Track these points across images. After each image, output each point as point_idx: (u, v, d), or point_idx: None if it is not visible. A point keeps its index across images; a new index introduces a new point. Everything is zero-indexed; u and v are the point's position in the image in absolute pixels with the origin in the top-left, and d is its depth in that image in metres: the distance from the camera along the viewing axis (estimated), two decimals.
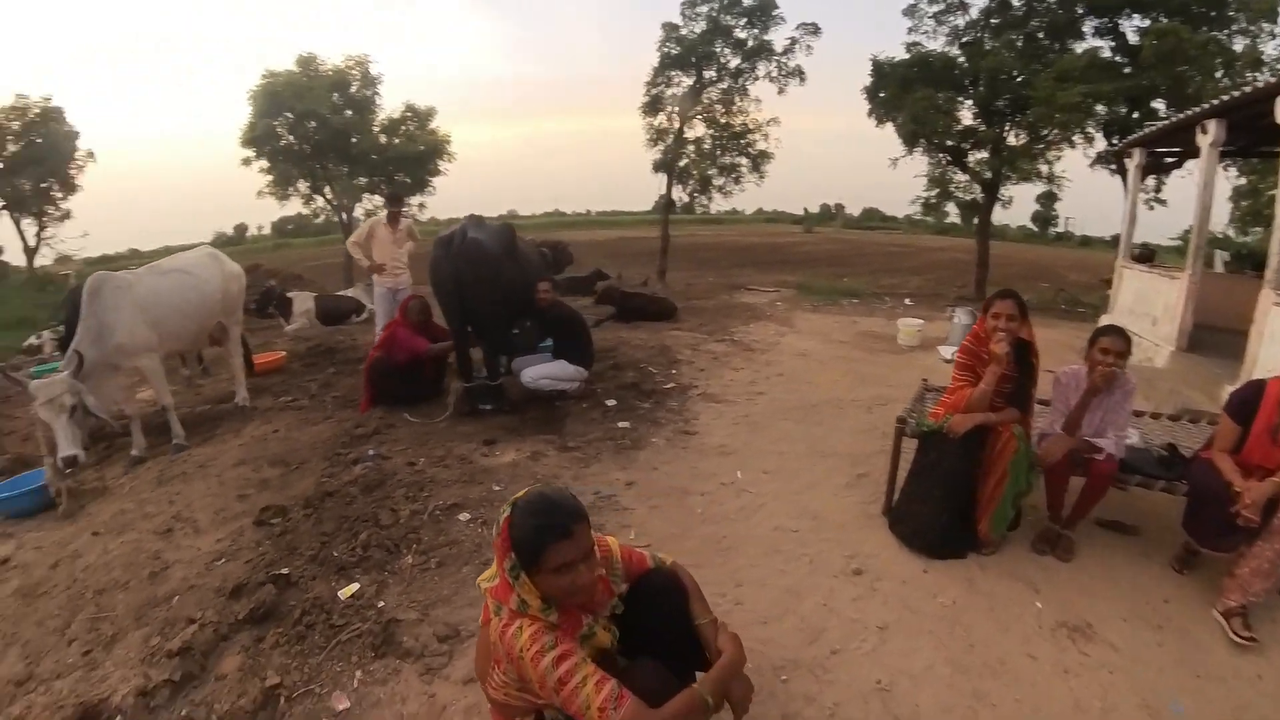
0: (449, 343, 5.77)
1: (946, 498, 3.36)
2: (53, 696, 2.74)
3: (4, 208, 18.18)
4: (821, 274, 15.67)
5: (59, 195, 18.86)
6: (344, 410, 5.88)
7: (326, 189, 13.26)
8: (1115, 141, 10.68)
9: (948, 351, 7.40)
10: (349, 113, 12.70)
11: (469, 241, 5.22)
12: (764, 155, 12.36)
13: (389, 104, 13.49)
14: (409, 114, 13.37)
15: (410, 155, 12.98)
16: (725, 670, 1.76)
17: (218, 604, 3.21)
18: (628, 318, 9.17)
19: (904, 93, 11.22)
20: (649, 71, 12.34)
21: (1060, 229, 47.70)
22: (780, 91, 12.40)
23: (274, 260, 18.75)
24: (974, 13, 11.46)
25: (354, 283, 12.34)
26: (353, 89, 12.87)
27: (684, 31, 12.15)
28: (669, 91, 12.52)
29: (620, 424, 5.20)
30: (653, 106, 12.48)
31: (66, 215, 19.19)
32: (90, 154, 19.05)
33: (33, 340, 11.19)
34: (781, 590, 3.13)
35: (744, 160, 12.31)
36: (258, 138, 12.50)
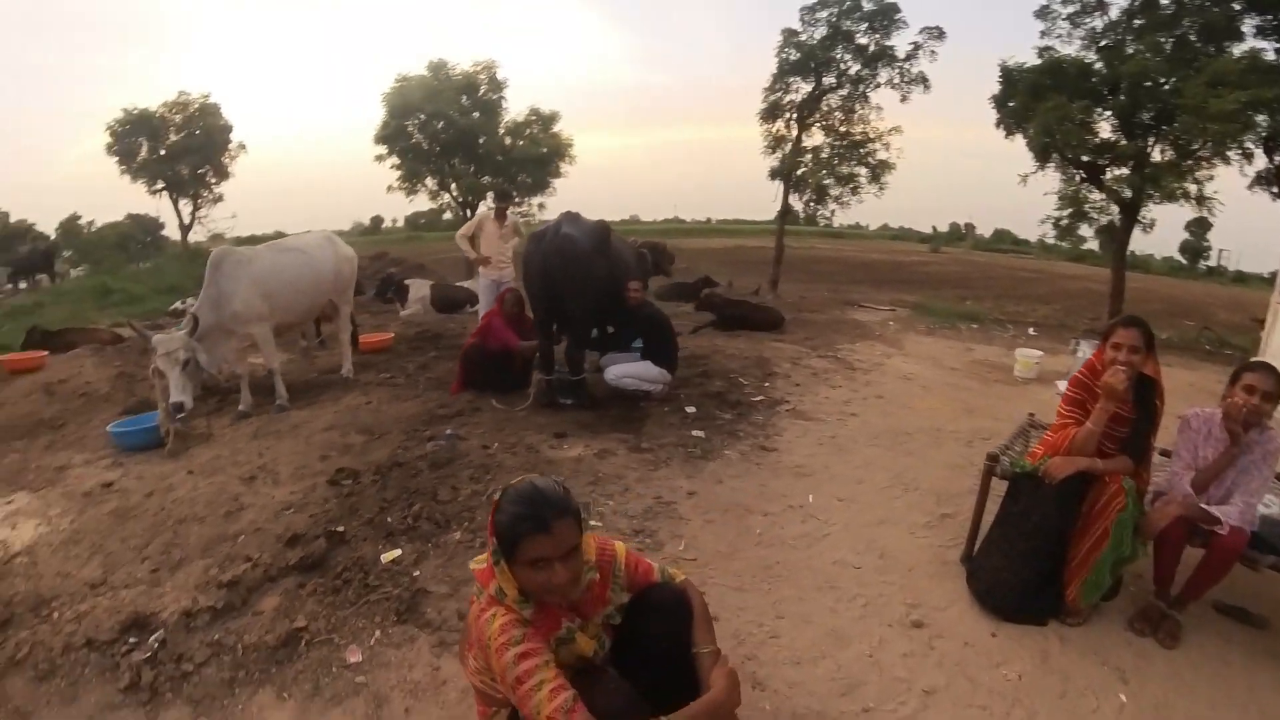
0: (535, 342, 5.88)
1: (1032, 553, 2.92)
2: (115, 602, 3.04)
3: (164, 189, 20.81)
4: (943, 296, 14.69)
5: (213, 181, 21.56)
6: (435, 391, 6.12)
7: (452, 186, 14.01)
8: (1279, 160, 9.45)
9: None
10: (476, 115, 13.43)
11: (560, 236, 5.30)
12: (884, 165, 11.80)
13: (515, 108, 14.19)
14: (534, 118, 13.94)
15: (533, 157, 13.52)
16: (703, 711, 1.60)
17: (274, 549, 3.41)
18: (729, 326, 8.90)
19: (1034, 101, 10.37)
20: (768, 78, 12.23)
21: (1212, 262, 41.91)
22: (903, 99, 11.85)
23: (403, 251, 20.02)
24: (1114, 13, 10.43)
25: (474, 275, 12.88)
26: (480, 92, 13.59)
27: (803, 37, 11.89)
28: (787, 98, 12.26)
29: (695, 432, 5.05)
30: (771, 113, 12.29)
31: (219, 199, 22.01)
32: (242, 145, 21.72)
33: (178, 305, 12.49)
34: (825, 631, 2.84)
35: (863, 170, 11.85)
36: (389, 136, 13.44)
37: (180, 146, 20.26)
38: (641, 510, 3.76)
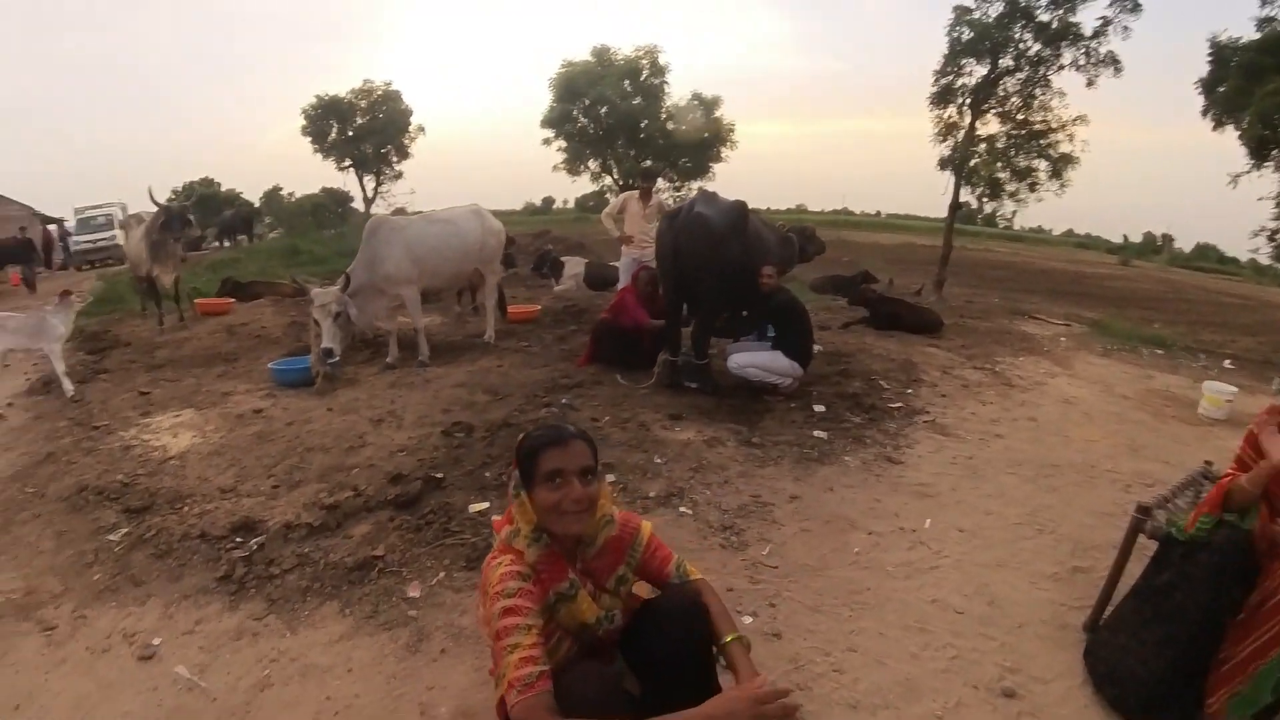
0: (663, 322, 5.88)
1: (1170, 641, 2.30)
2: (235, 506, 3.49)
3: (351, 166, 23.44)
4: (1127, 315, 12.70)
5: (394, 159, 24.03)
6: (565, 362, 6.34)
7: (614, 169, 14.41)
8: None
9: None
10: (638, 100, 13.68)
11: (693, 216, 5.23)
12: (1066, 159, 10.46)
13: (676, 93, 14.30)
14: (695, 102, 14.00)
15: (693, 141, 13.58)
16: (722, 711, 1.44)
17: (379, 484, 3.69)
18: (881, 325, 8.34)
19: (1251, 85, 8.73)
20: (938, 59, 11.28)
21: None
22: (1090, 83, 10.34)
23: (569, 230, 20.96)
24: None
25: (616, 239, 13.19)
26: (642, 77, 13.83)
27: (977, 14, 10.75)
28: (959, 81, 11.20)
29: (817, 433, 4.76)
30: (941, 98, 11.28)
31: (399, 175, 24.56)
32: (421, 127, 24.33)
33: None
34: (897, 678, 2.47)
35: (1042, 164, 10.61)
36: (555, 119, 14.07)
37: (365, 128, 23.11)
38: (736, 506, 3.63)
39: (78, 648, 2.58)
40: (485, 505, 3.44)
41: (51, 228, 20.83)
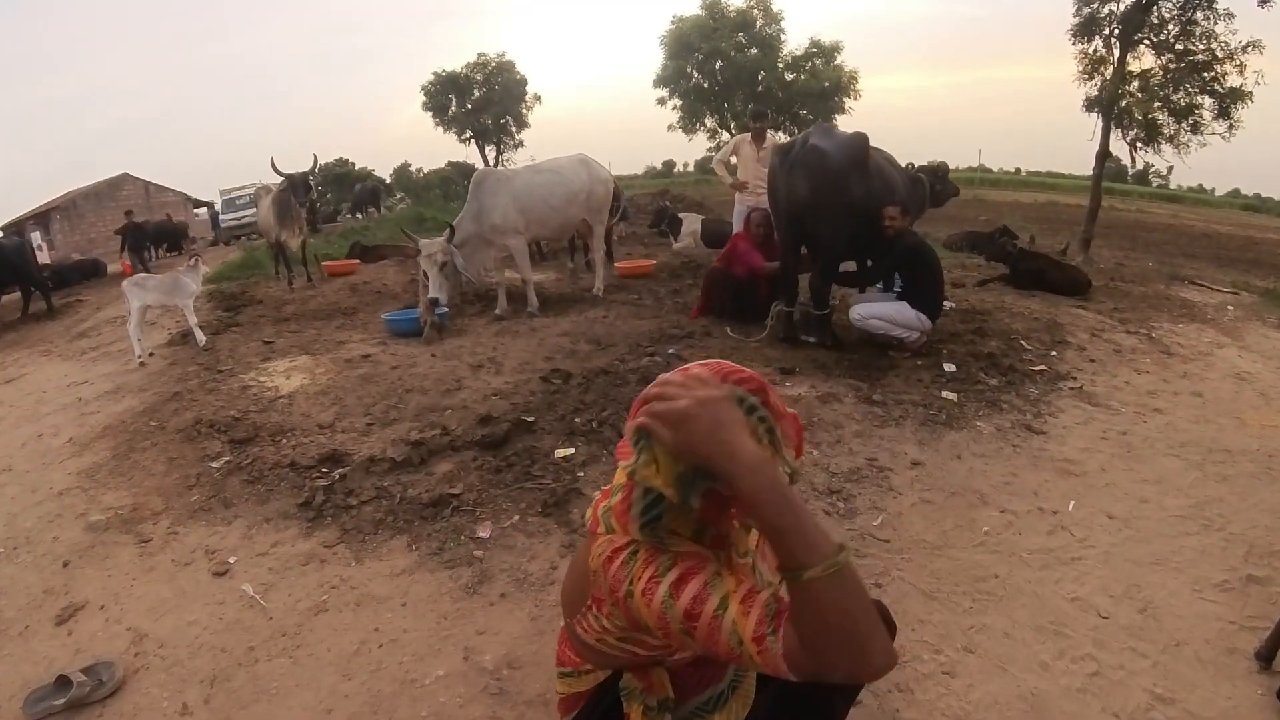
0: (778, 263, 5.48)
1: None
2: (328, 440, 3.57)
3: (472, 138, 24.15)
4: None
5: (514, 129, 24.43)
6: (677, 314, 6.10)
7: (731, 125, 13.90)
8: None
9: None
10: (753, 51, 13.06)
11: (809, 150, 4.77)
12: (1236, 95, 8.64)
13: (794, 41, 13.52)
14: (814, 50, 13.15)
15: (814, 91, 12.84)
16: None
17: (468, 424, 3.62)
18: (1022, 283, 7.50)
19: None
20: None
21: None
22: (1262, 3, 8.60)
23: (690, 192, 20.60)
24: None
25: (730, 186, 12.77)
26: (756, 27, 13.16)
27: None
28: (1105, 8, 9.57)
29: (946, 394, 4.22)
30: (1085, 29, 9.64)
31: (520, 144, 25.03)
32: (538, 96, 24.56)
33: None
34: (1020, 691, 2.04)
35: (1206, 100, 8.93)
36: (669, 78, 13.68)
37: (483, 100, 23.72)
38: (848, 469, 3.23)
39: (165, 559, 2.70)
40: (571, 451, 3.28)
41: (200, 211, 22.79)
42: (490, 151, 24.83)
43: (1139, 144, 9.65)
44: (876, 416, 3.85)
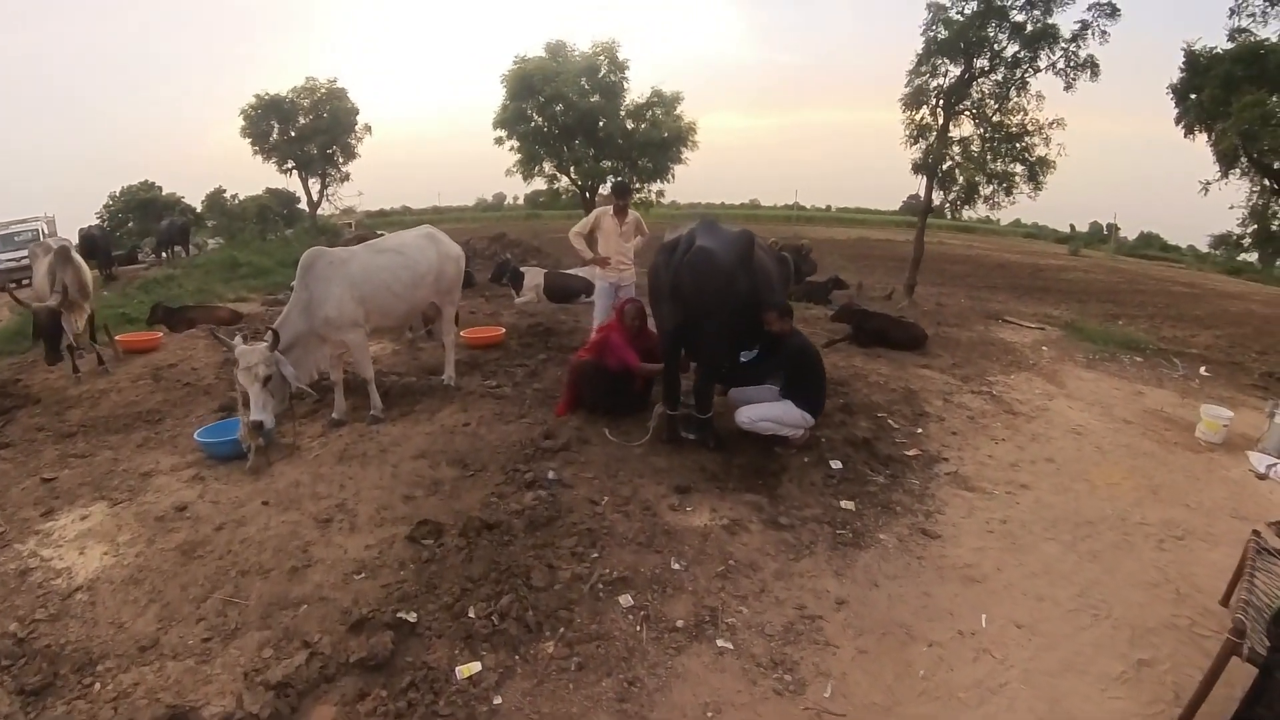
0: (660, 365, 5.19)
1: None
2: (160, 678, 2.76)
3: (294, 169, 21.85)
4: (1091, 311, 12.78)
5: (340, 161, 22.39)
6: (543, 408, 5.56)
7: (571, 170, 13.55)
8: None
9: (1262, 463, 5.52)
10: (596, 97, 12.81)
11: (697, 251, 4.54)
12: (1043, 163, 10.12)
13: (635, 89, 13.45)
14: (655, 99, 13.14)
15: (655, 141, 12.79)
16: None
17: (337, 632, 2.96)
18: (865, 342, 7.86)
19: (1228, 95, 8.47)
20: (911, 58, 10.61)
21: None
22: (1067, 87, 10.00)
23: (521, 229, 19.95)
24: None
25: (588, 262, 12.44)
26: (600, 74, 12.95)
27: (953, 12, 10.30)
28: (934, 83, 10.65)
29: (844, 503, 4.27)
30: (915, 99, 10.73)
31: (346, 177, 22.88)
32: (368, 127, 22.55)
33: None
34: None
35: (1019, 167, 10.20)
36: (508, 119, 13.10)
37: (309, 128, 21.42)
38: (781, 627, 3.14)
39: None
40: (477, 667, 2.73)
41: None
42: (314, 184, 22.54)
43: (959, 203, 10.57)
44: (788, 545, 3.77)
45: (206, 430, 5.10)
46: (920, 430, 5.63)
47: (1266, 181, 8.88)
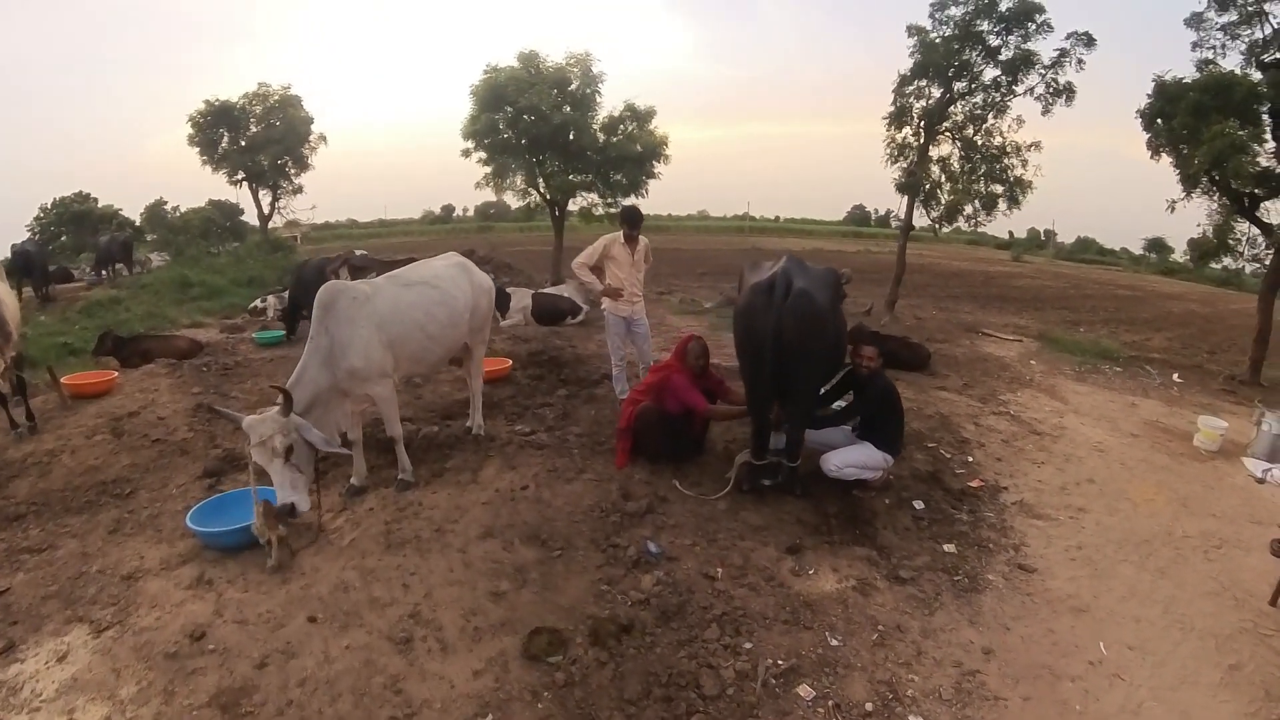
0: (740, 408, 4.33)
1: None
2: None
3: (244, 180, 19.27)
4: (1051, 319, 12.86)
5: (293, 172, 19.76)
6: (596, 459, 4.55)
7: (541, 183, 12.33)
8: None
9: (1258, 469, 5.55)
10: (568, 109, 11.67)
11: (799, 295, 3.77)
12: (1021, 184, 9.76)
13: (608, 102, 12.36)
14: (628, 113, 12.11)
15: (629, 155, 11.77)
16: None
17: None
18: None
19: (1198, 123, 8.49)
20: (894, 79, 10.23)
21: None
22: (1044, 112, 9.80)
23: (476, 243, 18.24)
24: (1277, 22, 8.21)
25: (565, 279, 11.32)
26: (572, 86, 11.81)
27: (933, 36, 9.95)
28: (918, 104, 10.21)
29: (946, 546, 3.93)
30: (897, 118, 10.29)
31: (299, 189, 20.15)
32: (323, 137, 19.74)
33: (257, 304, 10.94)
34: None
35: (999, 188, 9.92)
36: (479, 131, 11.76)
37: (261, 138, 18.64)
38: (953, 689, 2.87)
39: None
40: None
41: None
42: (265, 196, 19.89)
43: (941, 221, 10.21)
44: (919, 600, 3.43)
45: (200, 511, 3.80)
46: (971, 459, 5.21)
47: (1227, 201, 8.80)
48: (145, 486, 4.50)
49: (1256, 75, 8.49)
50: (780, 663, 2.84)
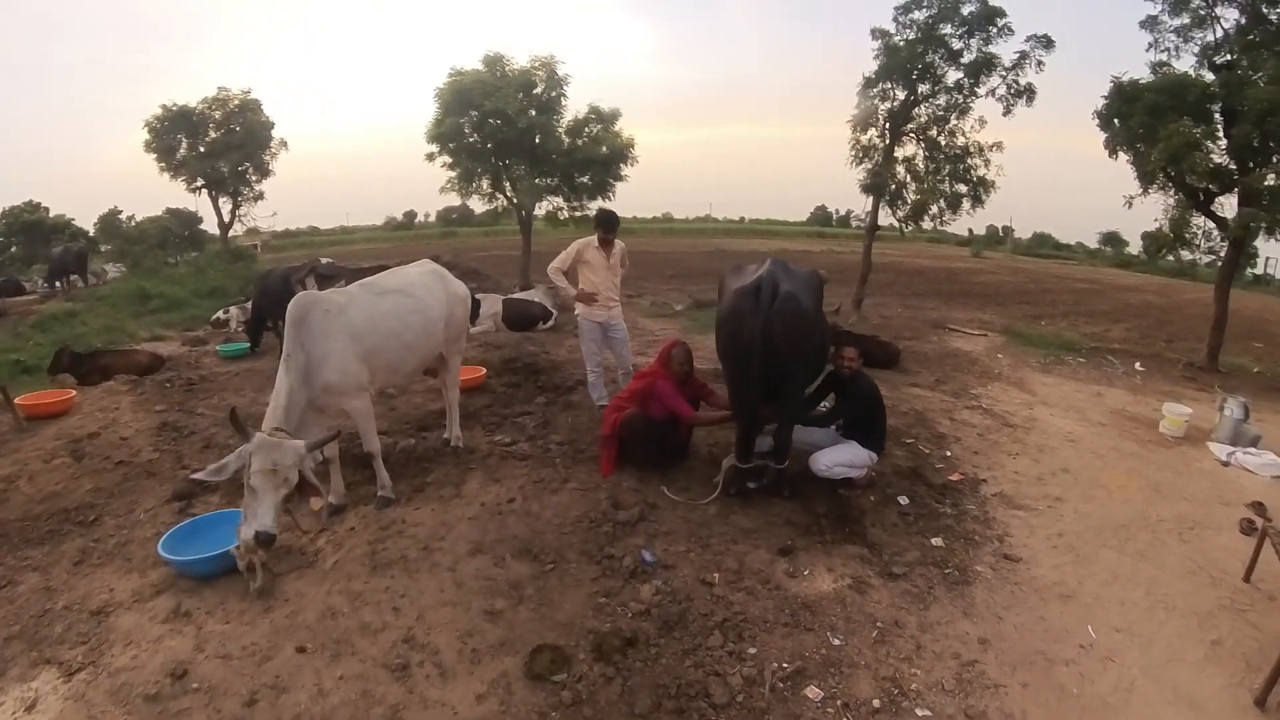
0: (725, 413, 4.29)
1: None
2: None
3: (204, 187, 18.50)
4: (1014, 313, 13.14)
5: (254, 179, 19.02)
6: (579, 468, 4.44)
7: (507, 187, 12.12)
8: None
9: (1223, 452, 5.69)
10: (533, 113, 11.47)
11: (786, 298, 3.72)
12: (984, 184, 9.99)
13: (573, 105, 12.20)
14: (593, 115, 11.96)
15: (595, 158, 11.63)
16: None
17: None
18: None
19: (1155, 122, 8.75)
20: (860, 81, 10.30)
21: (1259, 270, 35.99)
22: (1006, 113, 9.98)
23: (440, 249, 17.85)
24: (1228, 25, 8.54)
25: (533, 284, 11.11)
26: (538, 89, 11.62)
27: (896, 39, 10.00)
28: (883, 106, 10.33)
29: (934, 540, 3.93)
30: (863, 121, 10.41)
31: (260, 196, 19.40)
32: (284, 143, 19.00)
33: (220, 315, 10.53)
34: None
35: (963, 188, 10.08)
36: (444, 134, 11.48)
37: (221, 143, 17.92)
38: (954, 682, 2.89)
39: None
40: None
41: None
42: (225, 204, 19.07)
43: (908, 220, 10.33)
44: (913, 595, 3.43)
45: (173, 537, 3.56)
46: (949, 453, 5.27)
47: (1183, 197, 9.01)
48: (111, 513, 4.21)
49: (1209, 76, 8.76)
50: (785, 666, 2.81)
